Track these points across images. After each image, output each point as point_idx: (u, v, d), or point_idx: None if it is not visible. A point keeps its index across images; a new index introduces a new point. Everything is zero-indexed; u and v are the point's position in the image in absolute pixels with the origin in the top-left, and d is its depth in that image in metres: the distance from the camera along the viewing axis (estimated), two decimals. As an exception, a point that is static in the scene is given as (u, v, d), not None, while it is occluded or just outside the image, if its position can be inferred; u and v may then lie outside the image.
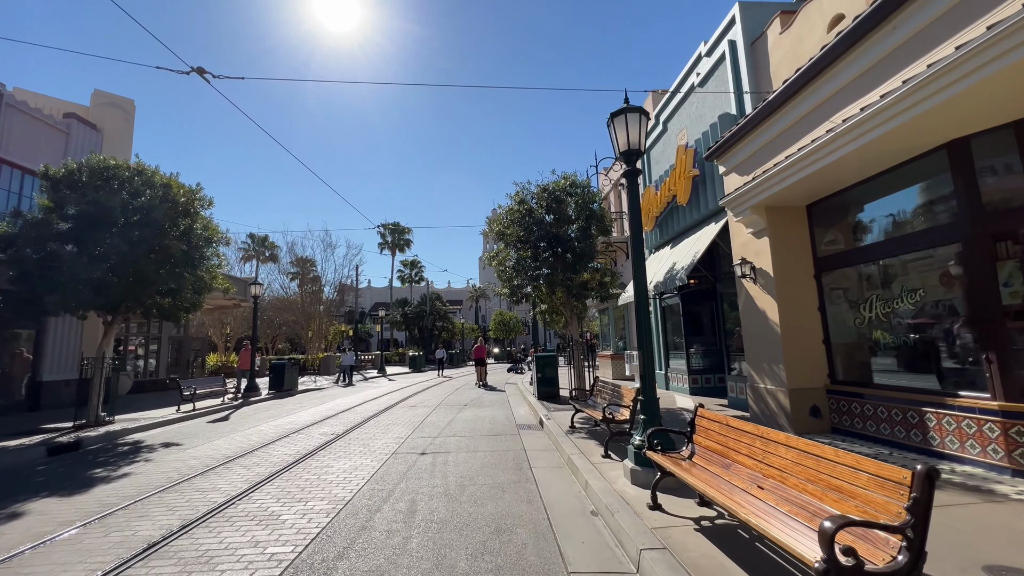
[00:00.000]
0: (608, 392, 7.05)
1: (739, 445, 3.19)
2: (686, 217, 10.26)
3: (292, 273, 45.09)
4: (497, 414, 10.33)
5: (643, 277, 4.98)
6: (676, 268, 9.27)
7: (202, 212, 11.52)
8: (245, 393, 15.15)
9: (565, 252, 10.27)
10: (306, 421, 9.98)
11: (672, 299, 12.03)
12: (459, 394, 14.85)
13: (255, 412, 11.91)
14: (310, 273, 42.87)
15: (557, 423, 8.10)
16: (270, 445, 7.51)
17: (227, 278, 13.08)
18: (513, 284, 10.47)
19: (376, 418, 10.11)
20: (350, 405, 12.55)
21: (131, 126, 15.87)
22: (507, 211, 10.77)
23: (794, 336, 6.54)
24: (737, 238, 7.65)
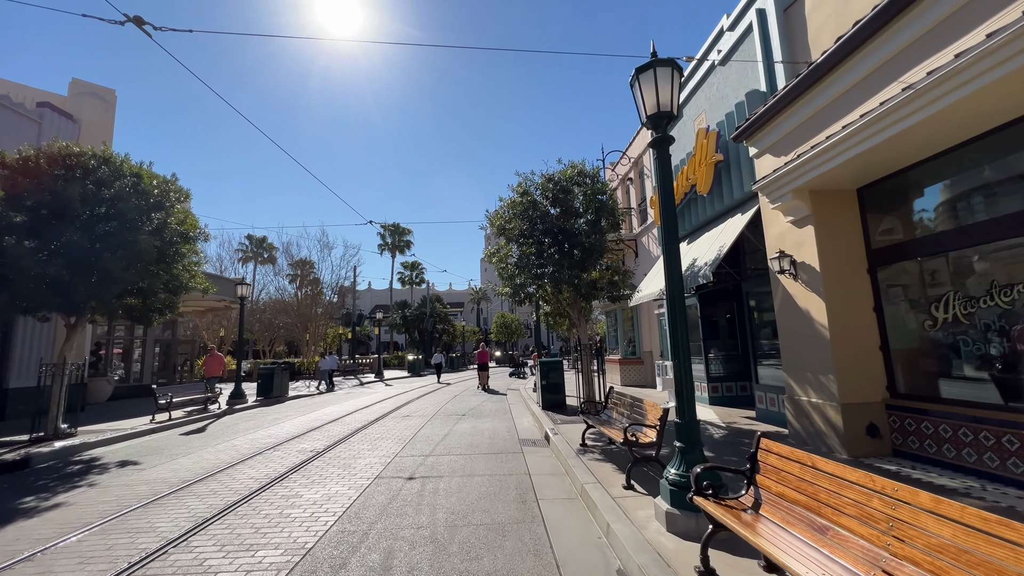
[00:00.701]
0: (626, 406, 6.08)
1: (840, 500, 2.23)
2: (707, 209, 9.31)
3: (291, 275, 44.43)
4: (498, 426, 9.37)
5: (677, 268, 4.04)
6: (697, 265, 8.31)
7: (178, 206, 10.63)
8: (230, 400, 14.22)
9: (572, 248, 9.32)
10: (287, 434, 9.04)
11: (688, 300, 11.05)
12: (458, 402, 13.89)
13: (236, 422, 10.98)
14: (309, 275, 42.16)
15: (565, 439, 7.14)
16: (238, 465, 6.57)
17: (208, 277, 12.18)
18: (515, 283, 9.53)
19: (364, 431, 9.16)
20: (339, 415, 11.61)
21: (112, 117, 15.03)
22: (509, 204, 9.84)
23: (846, 341, 5.57)
24: (772, 228, 6.69)
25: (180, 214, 10.71)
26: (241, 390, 14.56)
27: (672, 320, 3.99)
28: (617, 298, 9.59)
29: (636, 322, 15.91)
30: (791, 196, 5.85)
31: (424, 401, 14.29)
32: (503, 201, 10.03)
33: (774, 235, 6.62)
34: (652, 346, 14.97)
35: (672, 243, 4.06)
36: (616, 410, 6.42)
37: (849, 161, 5.02)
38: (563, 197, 9.37)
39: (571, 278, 9.24)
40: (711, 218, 9.38)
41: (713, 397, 10.10)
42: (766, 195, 6.30)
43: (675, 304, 3.99)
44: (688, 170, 9.42)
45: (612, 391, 6.86)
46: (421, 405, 13.26)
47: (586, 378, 9.54)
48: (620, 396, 6.43)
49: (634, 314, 16.01)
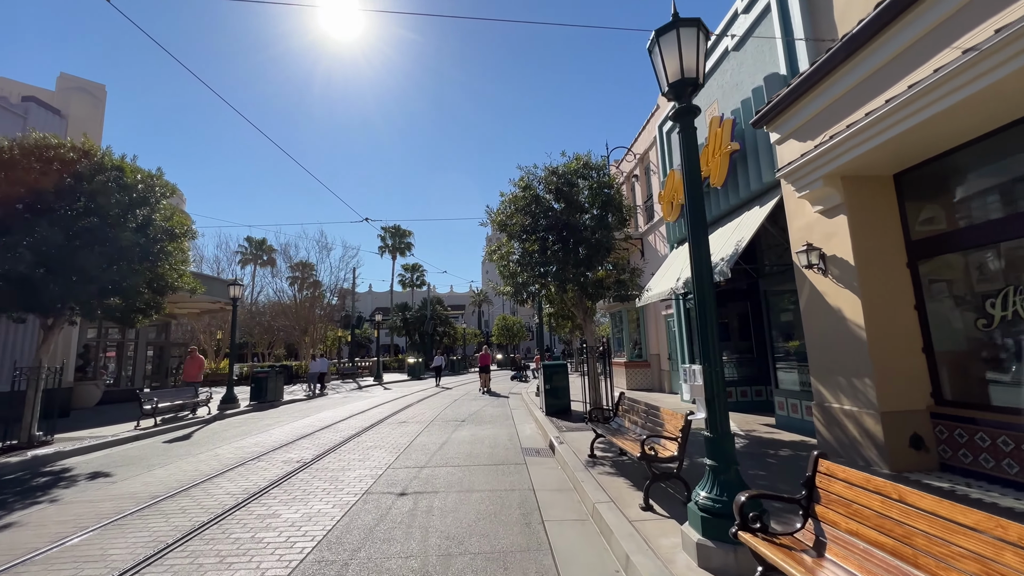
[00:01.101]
0: (639, 414, 5.53)
1: (949, 550, 1.68)
2: (720, 202, 8.78)
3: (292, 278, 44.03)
4: (499, 434, 8.82)
5: (705, 256, 3.52)
6: (712, 262, 7.76)
7: (165, 201, 10.15)
8: (222, 405, 13.72)
9: (577, 244, 8.80)
10: (275, 442, 8.51)
11: (699, 299, 10.51)
12: (457, 407, 13.35)
13: (224, 429, 10.45)
14: (310, 277, 41.72)
15: (572, 449, 6.60)
16: (216, 478, 6.04)
17: (198, 277, 11.66)
18: (517, 281, 9.00)
19: (357, 438, 8.62)
20: (333, 420, 11.07)
21: (101, 113, 14.60)
22: (510, 199, 9.34)
23: (885, 342, 5.02)
24: (797, 220, 6.16)
25: (167, 210, 10.24)
26: (233, 395, 14.05)
27: (702, 317, 3.46)
28: (625, 298, 9.06)
29: (642, 324, 15.36)
30: (822, 183, 5.32)
31: (422, 406, 13.74)
32: (504, 196, 9.52)
33: (799, 227, 6.08)
34: (659, 349, 14.41)
35: (699, 227, 3.55)
36: (628, 418, 5.87)
37: (888, 143, 4.51)
38: (567, 191, 8.85)
39: (576, 276, 8.72)
40: (725, 212, 8.85)
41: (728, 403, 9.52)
42: (792, 182, 5.76)
43: (704, 298, 3.46)
44: (700, 162, 8.89)
45: (623, 397, 6.31)
46: (419, 410, 12.72)
47: (592, 383, 9.00)
48: (632, 403, 5.89)
49: (640, 315, 15.46)
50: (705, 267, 3.50)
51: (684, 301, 11.18)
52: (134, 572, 3.41)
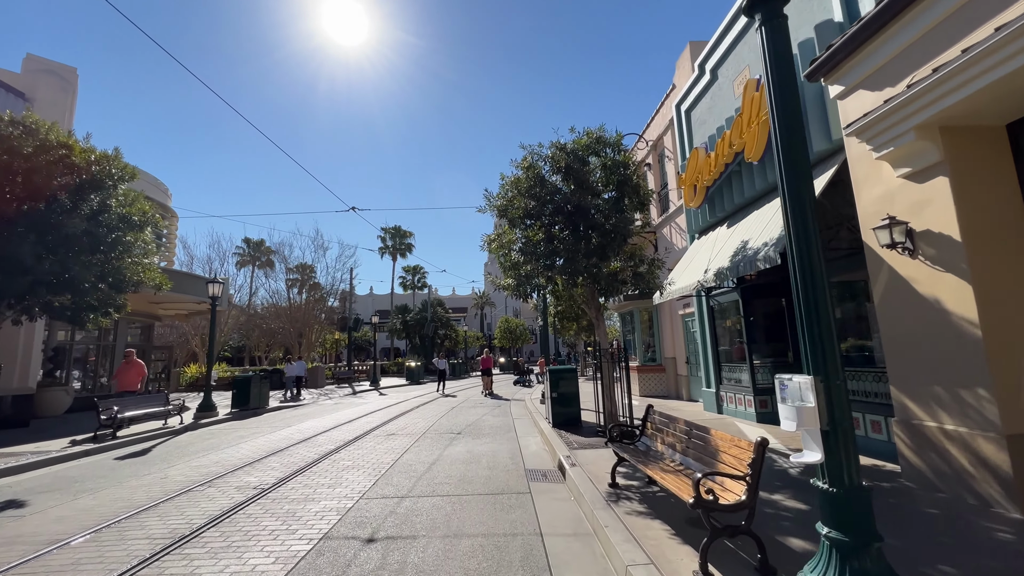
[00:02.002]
0: (678, 435, 4.30)
1: None
2: (756, 181, 7.57)
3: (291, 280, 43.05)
4: (499, 450, 7.61)
5: (807, 206, 2.33)
6: (751, 248, 6.56)
7: (123, 186, 9.04)
8: (198, 413, 12.57)
9: (589, 230, 7.62)
10: (240, 459, 7.33)
11: (727, 295, 9.29)
12: (454, 416, 12.14)
13: (192, 442, 9.29)
14: (310, 280, 40.69)
15: (587, 473, 5.39)
16: (147, 511, 4.87)
17: (164, 272, 10.50)
18: (520, 273, 7.80)
19: (335, 455, 7.43)
20: (313, 432, 9.89)
21: (72, 97, 13.55)
22: (512, 181, 8.16)
23: (1010, 341, 3.80)
24: (870, 188, 4.94)
25: (126, 196, 9.11)
26: (210, 402, 12.90)
27: (809, 302, 2.28)
28: (647, 292, 7.83)
29: (656, 324, 14.12)
30: (913, 135, 4.11)
31: (417, 415, 12.54)
32: (505, 179, 8.34)
33: (875, 197, 4.86)
34: (676, 352, 13.17)
35: (799, 165, 2.35)
36: (661, 439, 4.64)
37: (1005, 80, 3.32)
38: (577, 168, 7.67)
39: (588, 268, 7.52)
40: (763, 192, 7.64)
41: (762, 414, 8.30)
42: (868, 140, 4.56)
43: (812, 272, 2.27)
44: (732, 135, 7.70)
45: (652, 412, 5.09)
46: (412, 420, 11.52)
47: (608, 391, 7.78)
48: (666, 420, 4.65)
49: (654, 315, 14.23)
50: (809, 226, 2.31)
51: (707, 298, 9.96)
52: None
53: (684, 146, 11.03)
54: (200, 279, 17.02)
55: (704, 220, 9.65)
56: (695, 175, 9.09)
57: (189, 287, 16.33)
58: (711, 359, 9.87)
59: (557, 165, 7.84)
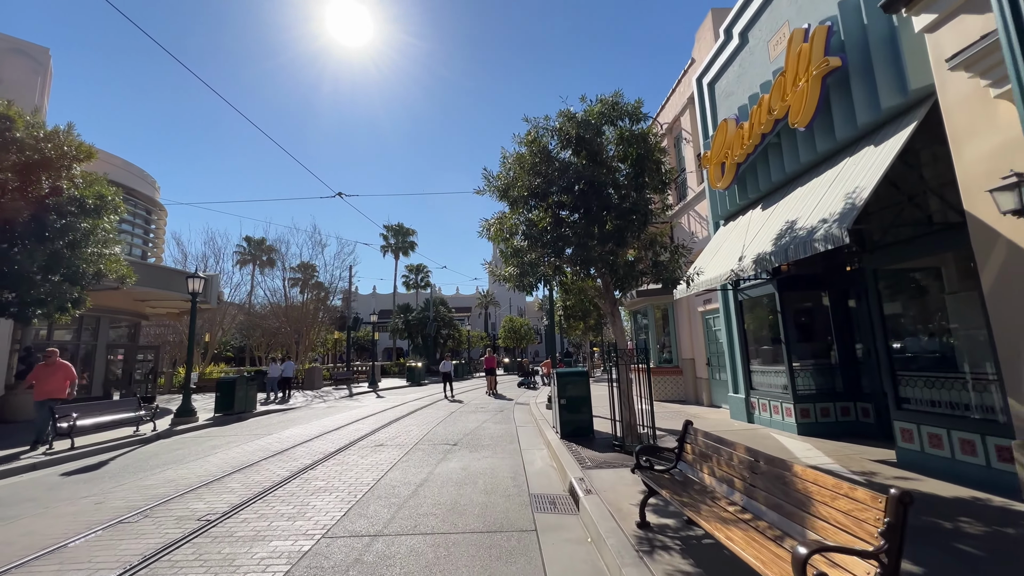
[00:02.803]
0: (740, 468, 3.15)
1: None
2: (802, 151, 6.46)
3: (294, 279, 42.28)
4: (499, 467, 6.54)
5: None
6: (802, 228, 5.44)
7: (79, 167, 8.08)
8: (176, 419, 11.61)
9: (604, 211, 6.54)
10: (198, 478, 6.32)
11: (759, 288, 8.16)
12: (452, 422, 11.08)
13: (155, 454, 8.31)
14: (312, 279, 39.86)
15: (606, 503, 4.31)
16: (56, 552, 3.86)
17: (129, 264, 9.51)
18: (523, 261, 6.73)
19: (307, 474, 6.40)
20: (294, 442, 8.88)
21: (44, 79, 12.65)
22: (514, 158, 7.09)
23: None
24: (982, 141, 3.81)
25: (85, 179, 8.14)
26: (189, 406, 11.92)
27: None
28: (671, 283, 6.70)
29: (673, 322, 12.99)
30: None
31: (412, 421, 11.50)
32: (507, 156, 7.27)
33: (986, 152, 3.74)
34: (695, 352, 12.05)
35: None
36: (709, 469, 3.53)
37: None
38: (590, 138, 6.58)
39: (603, 256, 6.44)
40: (810, 164, 6.51)
41: (803, 424, 7.17)
42: (985, 71, 3.45)
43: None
44: (771, 99, 6.58)
45: (692, 429, 3.98)
46: (406, 427, 10.47)
47: (626, 397, 6.69)
48: (716, 443, 3.51)
49: (670, 312, 13.10)
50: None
51: (734, 292, 8.84)
52: None
53: (706, 124, 9.91)
54: (175, 272, 16.09)
55: (732, 203, 8.52)
56: (723, 151, 7.97)
57: (176, 284, 15.36)
58: (739, 361, 8.75)
59: (566, 137, 6.76)
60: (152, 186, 18.55)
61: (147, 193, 17.92)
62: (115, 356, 17.22)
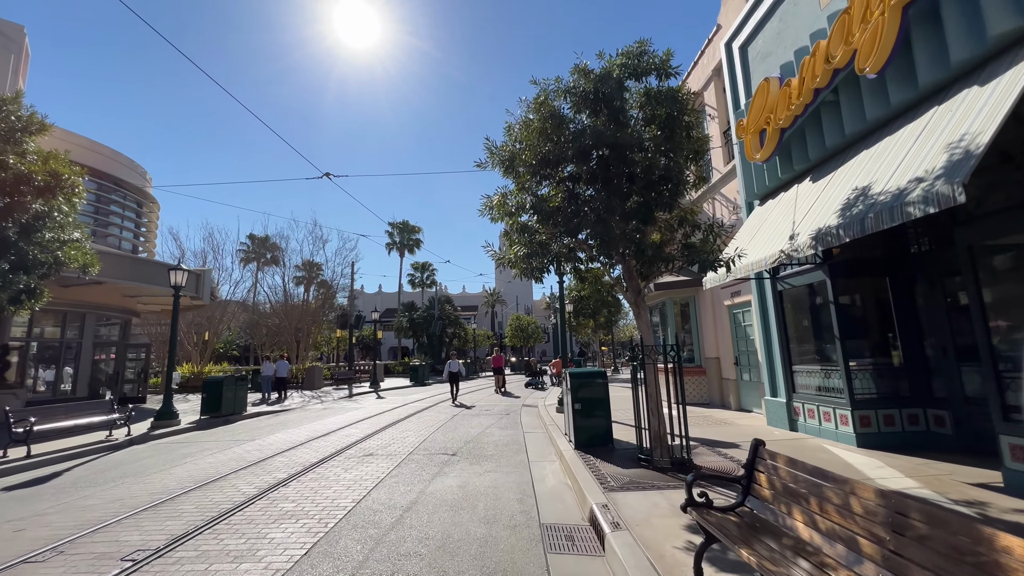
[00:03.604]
0: (864, 518, 2.08)
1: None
2: (870, 106, 5.35)
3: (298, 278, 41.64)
4: (503, 485, 5.51)
5: None
6: (885, 192, 4.34)
7: (30, 142, 7.18)
8: (156, 422, 10.75)
9: (628, 181, 5.49)
10: (149, 497, 5.38)
11: (805, 276, 7.04)
12: (454, 427, 10.08)
13: (118, 464, 7.41)
14: (317, 276, 39.19)
15: (644, 548, 3.27)
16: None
17: (94, 253, 8.57)
18: (533, 241, 5.68)
19: (278, 492, 5.42)
20: (276, 450, 7.93)
21: (19, 59, 11.85)
22: (520, 125, 6.06)
23: None
24: None
25: (36, 156, 7.24)
26: (170, 408, 11.06)
27: None
28: (709, 265, 5.59)
29: (695, 317, 11.88)
30: None
31: (409, 425, 10.52)
32: (512, 125, 6.22)
33: None
34: (720, 351, 10.94)
35: None
36: (807, 514, 2.41)
37: None
38: (609, 93, 5.51)
39: (628, 235, 5.39)
40: (877, 122, 5.40)
41: (864, 434, 6.05)
42: None
43: None
44: (828, 47, 5.47)
45: (762, 450, 2.90)
46: (401, 433, 9.49)
47: (654, 403, 5.62)
48: (815, 477, 2.41)
49: (692, 306, 11.99)
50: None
51: (775, 280, 7.73)
52: None
53: (737, 93, 8.80)
54: (156, 265, 15.24)
55: (772, 178, 7.41)
56: (763, 116, 6.87)
57: (165, 279, 14.47)
58: (779, 360, 7.64)
59: (582, 95, 5.68)
60: (143, 177, 17.78)
61: (137, 184, 17.16)
62: (107, 355, 16.49)
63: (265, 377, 16.66)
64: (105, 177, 15.55)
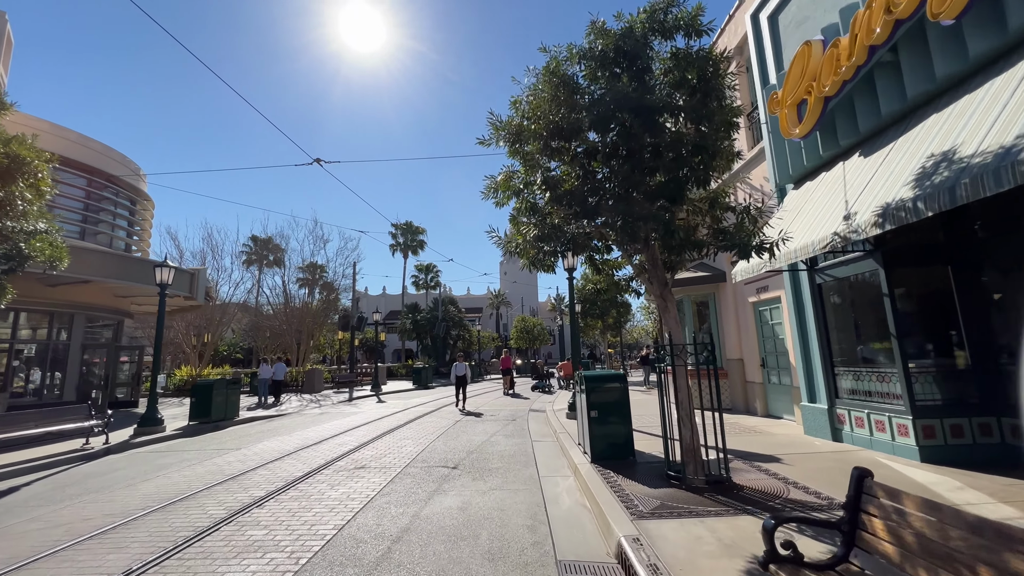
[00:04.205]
0: None
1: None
2: (939, 62, 4.55)
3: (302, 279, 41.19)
4: (511, 506, 4.73)
5: None
6: (979, 155, 3.55)
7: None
8: (140, 428, 10.07)
9: (654, 153, 4.73)
10: (101, 520, 4.67)
11: (852, 266, 6.22)
12: (456, 434, 9.31)
13: (85, 478, 6.73)
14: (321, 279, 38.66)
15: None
16: None
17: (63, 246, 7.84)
18: (546, 224, 4.92)
19: (250, 515, 4.68)
20: (257, 462, 7.20)
21: (0, 43, 11.28)
22: (528, 94, 5.31)
23: None
24: None
25: (1, 137, 6.59)
26: (154, 414, 10.37)
27: None
28: (749, 250, 4.81)
29: (715, 316, 11.06)
30: None
31: (409, 432, 9.77)
32: (519, 101, 5.47)
33: None
34: (744, 351, 10.11)
35: None
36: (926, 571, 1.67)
37: None
38: (631, 50, 4.74)
39: (656, 215, 4.62)
40: (948, 81, 4.59)
41: (928, 447, 5.23)
42: None
43: None
44: (888, -5, 4.68)
45: (869, 483, 2.12)
46: (399, 441, 8.74)
47: (687, 411, 4.84)
48: (993, 538, 1.65)
49: (711, 304, 11.17)
50: None
51: (813, 272, 6.91)
52: None
53: (765, 68, 8.01)
54: (141, 262, 14.63)
55: (811, 158, 6.61)
56: (802, 86, 6.07)
57: (129, 272, 13.75)
58: (818, 361, 6.82)
59: (601, 54, 4.92)
60: (136, 174, 17.21)
61: (130, 181, 16.58)
62: (100, 358, 15.89)
63: (262, 380, 16.03)
64: (96, 173, 14.98)
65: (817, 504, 4.08)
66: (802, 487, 4.58)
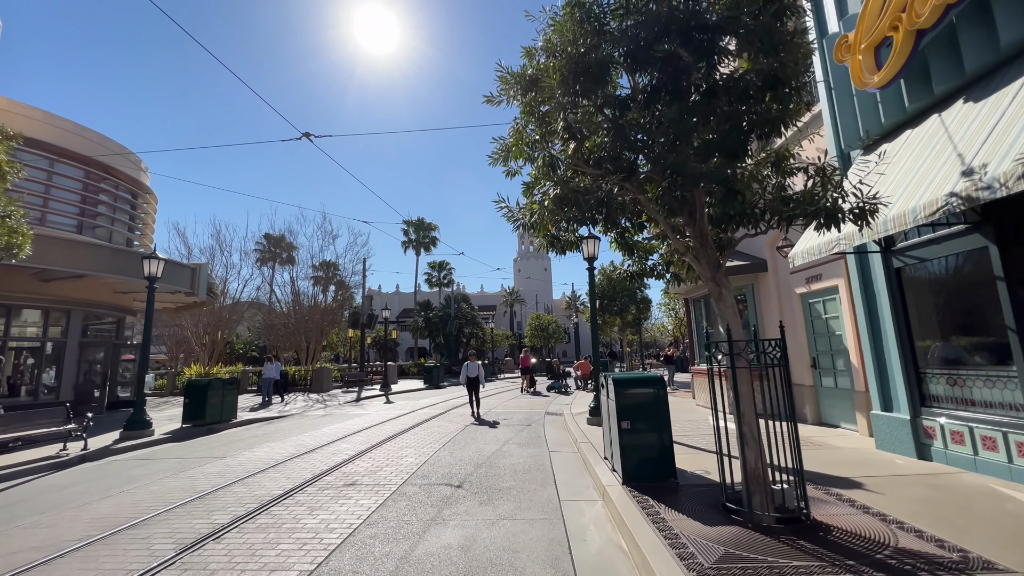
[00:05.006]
0: None
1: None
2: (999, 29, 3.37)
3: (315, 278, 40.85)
4: (525, 546, 3.71)
5: None
6: None
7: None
8: (126, 431, 9.35)
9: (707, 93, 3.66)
10: (32, 552, 3.80)
11: (948, 245, 5.02)
12: (463, 442, 8.34)
13: (47, 490, 5.97)
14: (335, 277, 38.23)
15: None
16: None
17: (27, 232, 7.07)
18: (570, 188, 3.89)
19: (208, 547, 3.77)
20: (240, 474, 6.33)
21: (-17, 28, 10.68)
22: (543, 43, 4.26)
23: None
24: None
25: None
26: (141, 416, 9.65)
27: None
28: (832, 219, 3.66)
29: (755, 310, 9.86)
30: None
31: (412, 439, 8.84)
32: (532, 49, 4.43)
33: None
34: (791, 350, 8.87)
35: None
36: None
37: None
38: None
39: (715, 172, 3.55)
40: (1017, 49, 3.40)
41: (1066, 473, 4.03)
42: None
43: None
44: None
45: None
46: (399, 450, 7.80)
47: (751, 429, 3.76)
48: None
49: (749, 297, 9.97)
50: None
51: (888, 254, 5.71)
52: None
53: (822, 15, 6.81)
54: (128, 253, 13.98)
55: (891, 112, 5.42)
56: (885, 21, 4.89)
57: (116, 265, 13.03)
58: (896, 361, 5.64)
59: None
60: (137, 166, 16.68)
61: (130, 173, 16.04)
62: (101, 356, 15.39)
63: (266, 379, 15.37)
64: (92, 164, 14.42)
65: (947, 560, 2.97)
66: (911, 529, 3.47)
